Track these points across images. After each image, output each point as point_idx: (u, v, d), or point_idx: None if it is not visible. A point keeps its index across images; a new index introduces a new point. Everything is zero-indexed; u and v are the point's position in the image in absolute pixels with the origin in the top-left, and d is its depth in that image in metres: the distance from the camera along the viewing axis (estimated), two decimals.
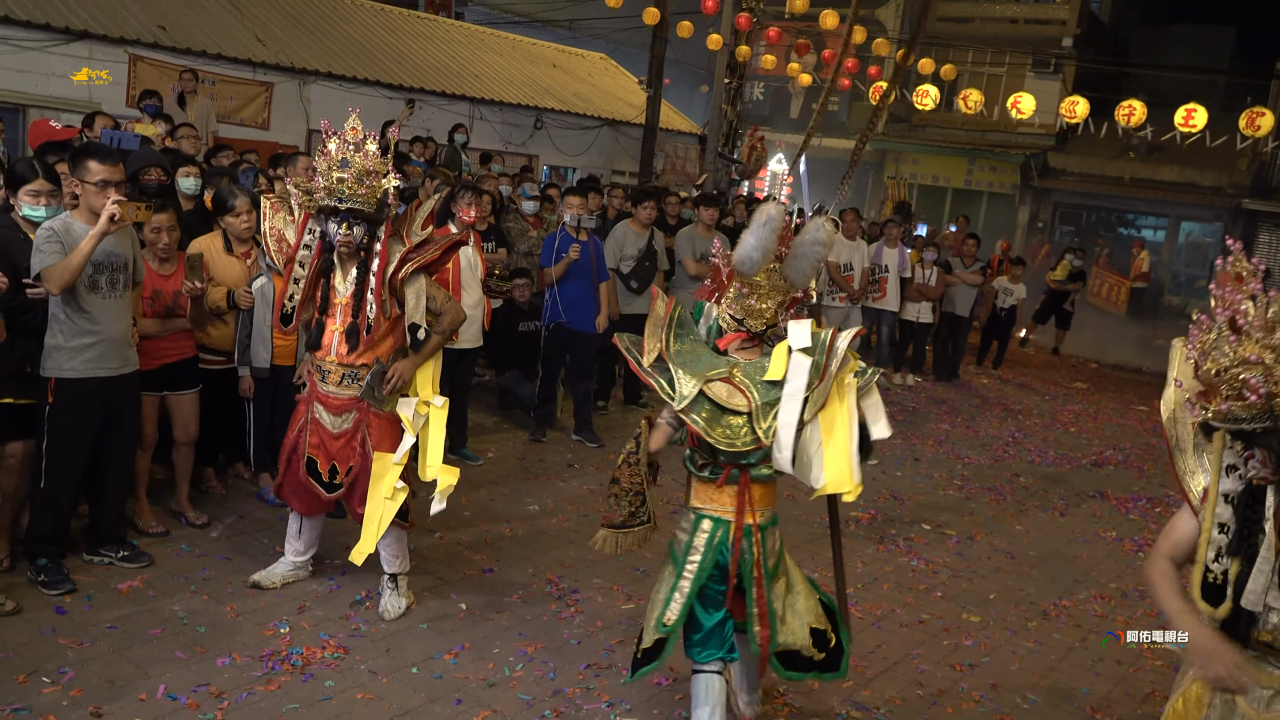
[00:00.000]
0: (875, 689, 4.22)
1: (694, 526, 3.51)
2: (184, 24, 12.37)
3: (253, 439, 5.30)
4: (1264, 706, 2.35)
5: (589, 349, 7.33)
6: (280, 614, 4.23)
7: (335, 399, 4.22)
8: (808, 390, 3.24)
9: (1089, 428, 10.20)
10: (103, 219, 3.89)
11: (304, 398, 4.34)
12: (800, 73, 18.59)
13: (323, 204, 4.00)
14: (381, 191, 4.05)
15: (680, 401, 3.32)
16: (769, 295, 3.41)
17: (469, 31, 18.68)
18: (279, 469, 4.43)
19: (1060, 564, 5.96)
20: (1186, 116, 15.49)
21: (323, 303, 4.17)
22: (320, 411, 4.25)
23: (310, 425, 4.27)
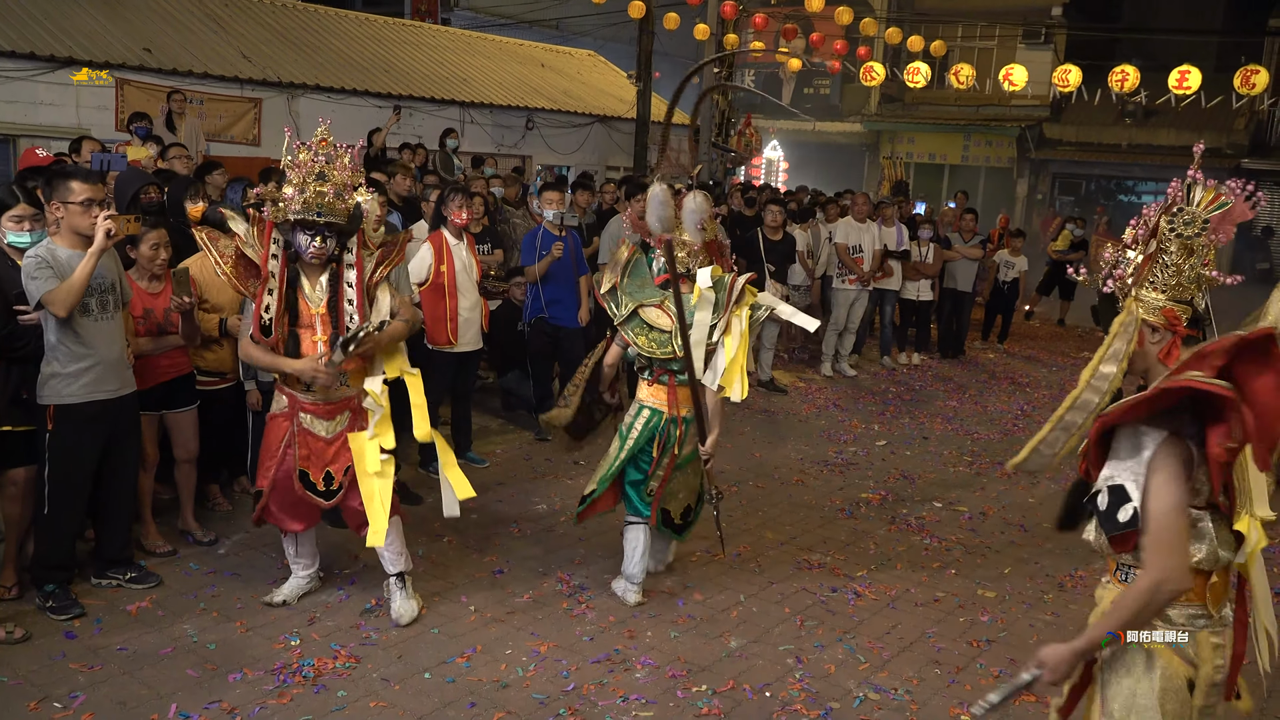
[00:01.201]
0: (893, 669, 4.18)
1: (637, 413, 4.66)
2: (169, 45, 12.36)
3: (252, 452, 5.28)
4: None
5: (576, 344, 7.29)
6: (290, 627, 4.21)
7: (327, 405, 4.19)
8: (713, 319, 4.43)
9: None
10: (99, 236, 3.90)
11: (281, 414, 4.22)
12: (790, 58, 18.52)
13: (297, 217, 3.94)
14: (354, 204, 4.05)
15: (618, 318, 4.56)
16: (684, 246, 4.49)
17: (456, 36, 18.65)
18: (259, 495, 4.28)
19: (1073, 536, 5.87)
20: (1180, 79, 15.37)
21: (293, 314, 4.09)
22: (310, 421, 4.20)
23: (298, 438, 4.20)
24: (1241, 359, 2.15)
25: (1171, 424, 2.20)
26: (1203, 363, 2.16)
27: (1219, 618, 2.37)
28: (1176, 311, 2.34)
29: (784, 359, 10.37)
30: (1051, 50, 24.01)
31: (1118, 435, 2.26)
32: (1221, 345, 2.16)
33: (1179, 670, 2.36)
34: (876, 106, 26.69)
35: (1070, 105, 24.06)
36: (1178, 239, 2.37)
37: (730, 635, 4.40)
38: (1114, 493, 2.22)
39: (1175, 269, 2.35)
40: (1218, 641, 2.37)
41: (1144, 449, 2.20)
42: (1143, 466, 2.20)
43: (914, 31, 19.56)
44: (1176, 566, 2.17)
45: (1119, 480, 2.22)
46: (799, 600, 4.82)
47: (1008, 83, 16.90)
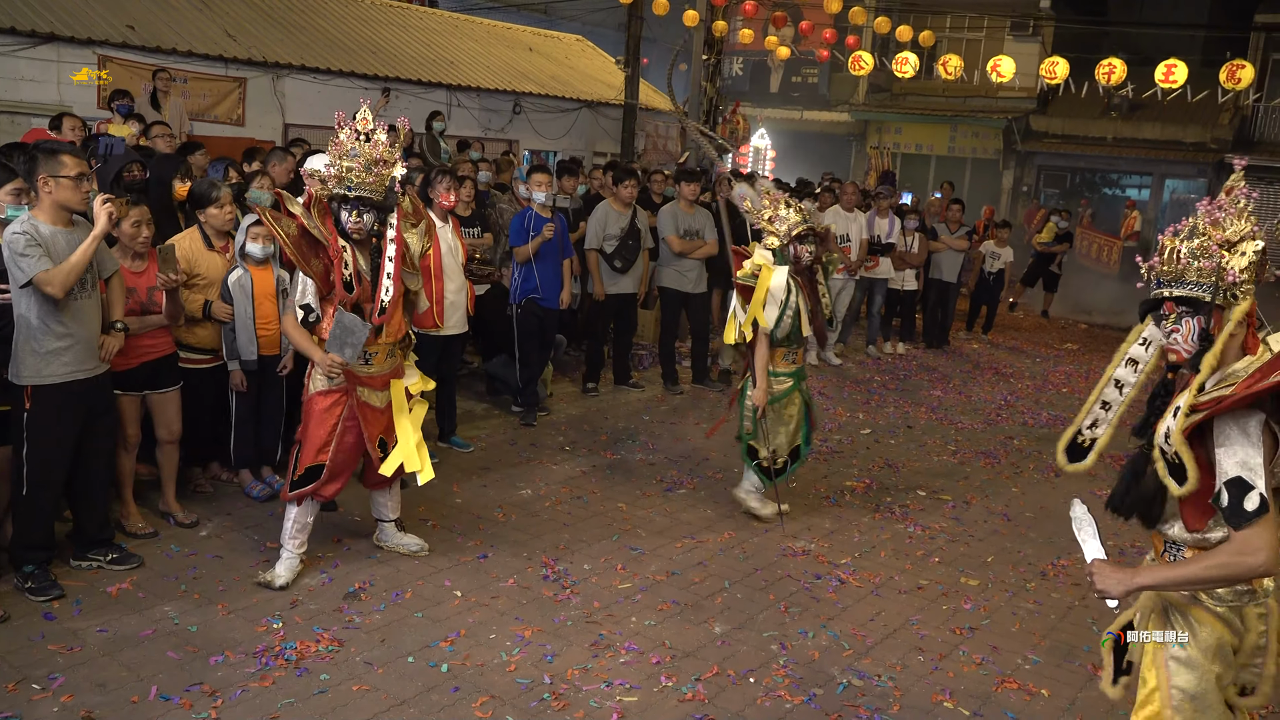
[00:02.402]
0: (876, 656, 4.19)
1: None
2: (153, 23, 12.20)
3: (235, 433, 5.24)
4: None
5: (554, 325, 7.30)
6: (273, 609, 4.18)
7: (380, 377, 4.48)
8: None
9: (1081, 388, 10.18)
10: (102, 219, 3.96)
11: (334, 390, 4.36)
12: (778, 46, 18.43)
13: (334, 192, 4.16)
14: (389, 179, 4.23)
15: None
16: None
17: (443, 19, 18.50)
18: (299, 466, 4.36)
19: (1057, 524, 5.93)
20: (1167, 73, 15.39)
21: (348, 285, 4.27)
22: (366, 394, 4.44)
23: (359, 411, 4.40)
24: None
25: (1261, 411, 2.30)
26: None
27: (1262, 591, 2.49)
28: (1254, 309, 2.49)
29: None
30: (1039, 42, 24.03)
31: (1221, 424, 2.33)
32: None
33: (1226, 640, 2.48)
34: (864, 96, 26.66)
35: (1057, 98, 24.07)
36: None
37: (715, 621, 4.40)
38: (1234, 486, 2.28)
39: (1257, 267, 2.49)
40: (1261, 611, 2.49)
41: (1251, 435, 2.29)
42: (1256, 453, 2.27)
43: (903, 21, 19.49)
44: (1265, 546, 2.25)
45: (1235, 474, 2.28)
46: (784, 587, 4.82)
47: (995, 74, 16.86)
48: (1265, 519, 2.25)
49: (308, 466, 4.37)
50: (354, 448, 4.47)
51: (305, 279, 4.29)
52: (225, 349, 5.09)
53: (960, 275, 11.59)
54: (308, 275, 4.27)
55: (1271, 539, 2.25)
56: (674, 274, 8.26)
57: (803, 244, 5.37)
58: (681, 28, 15.91)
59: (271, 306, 5.08)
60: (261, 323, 5.06)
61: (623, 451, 6.79)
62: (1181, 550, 2.53)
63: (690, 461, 6.69)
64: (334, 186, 4.17)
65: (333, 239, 4.24)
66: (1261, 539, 2.25)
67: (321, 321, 4.33)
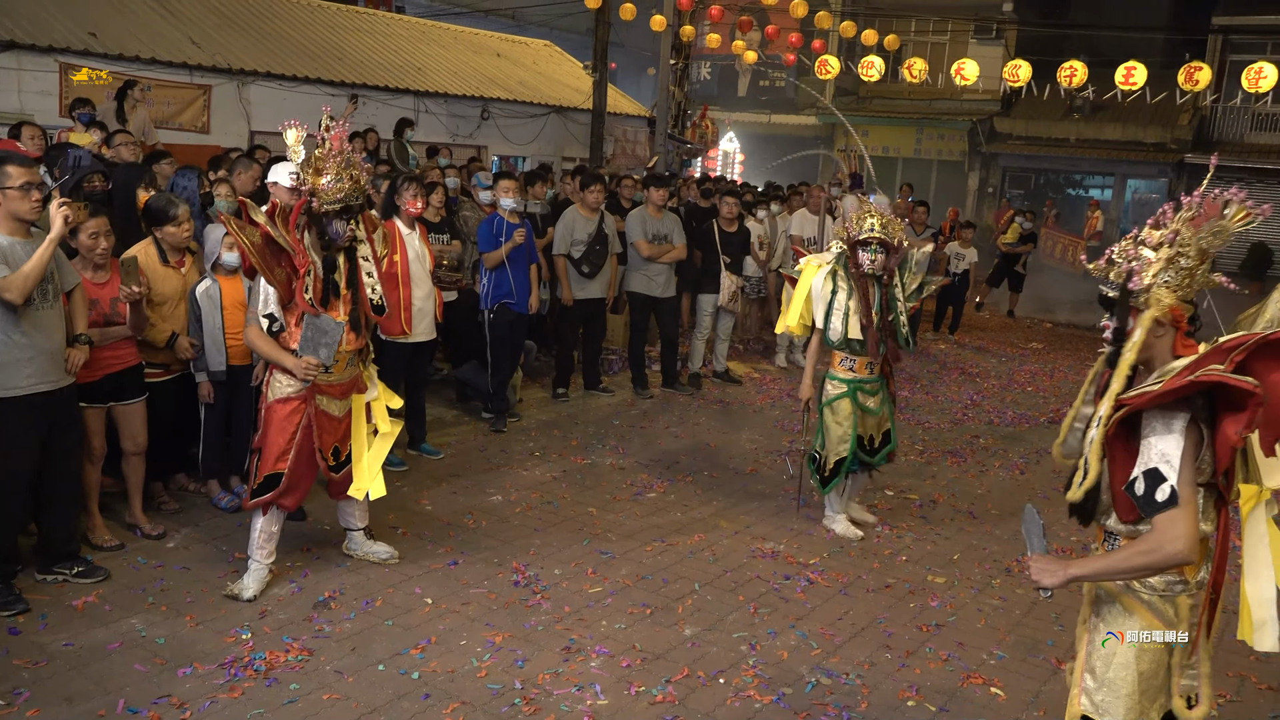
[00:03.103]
0: (844, 654, 4.24)
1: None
2: (115, 30, 12.10)
3: (203, 444, 5.21)
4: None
5: (524, 330, 7.32)
6: (241, 620, 4.17)
7: (340, 385, 4.47)
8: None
9: (1046, 386, 10.33)
10: (57, 222, 3.95)
11: (293, 398, 4.36)
12: (746, 50, 18.56)
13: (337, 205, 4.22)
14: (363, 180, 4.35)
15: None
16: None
17: (410, 25, 18.46)
18: (259, 474, 4.37)
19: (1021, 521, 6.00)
20: (1126, 75, 15.64)
21: (325, 297, 4.31)
22: (325, 403, 4.44)
23: (315, 419, 4.41)
24: (1258, 354, 2.34)
25: (1190, 408, 2.37)
26: (1224, 356, 2.34)
27: (1195, 583, 2.55)
28: (1181, 310, 2.51)
29: (739, 350, 10.43)
30: (1002, 46, 24.32)
31: (1147, 419, 2.41)
32: (1243, 341, 2.34)
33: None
34: (831, 99, 26.87)
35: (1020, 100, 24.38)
36: (1199, 248, 2.51)
37: (685, 624, 4.43)
38: (1150, 477, 2.38)
39: (1188, 273, 2.50)
40: (1193, 603, 2.56)
41: (1174, 430, 2.37)
42: (1176, 447, 2.35)
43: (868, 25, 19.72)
44: (1183, 535, 2.33)
45: (1153, 464, 2.37)
46: (753, 588, 4.86)
47: (959, 77, 17.08)
48: (1180, 510, 2.33)
49: (267, 474, 4.36)
50: (313, 456, 4.46)
51: (268, 288, 4.29)
52: (192, 362, 5.06)
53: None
54: (271, 283, 4.27)
55: (1189, 528, 2.34)
56: (643, 278, 8.29)
57: (865, 250, 5.33)
58: (649, 33, 15.99)
59: (240, 315, 5.05)
60: (230, 332, 5.04)
61: (593, 456, 6.82)
62: (1118, 540, 2.60)
63: (660, 465, 6.72)
64: (338, 200, 4.21)
65: (300, 250, 4.25)
66: (1179, 528, 2.33)
67: (286, 330, 4.33)
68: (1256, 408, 2.27)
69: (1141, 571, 2.47)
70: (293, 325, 4.32)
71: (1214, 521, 2.51)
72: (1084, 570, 2.55)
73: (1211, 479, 2.44)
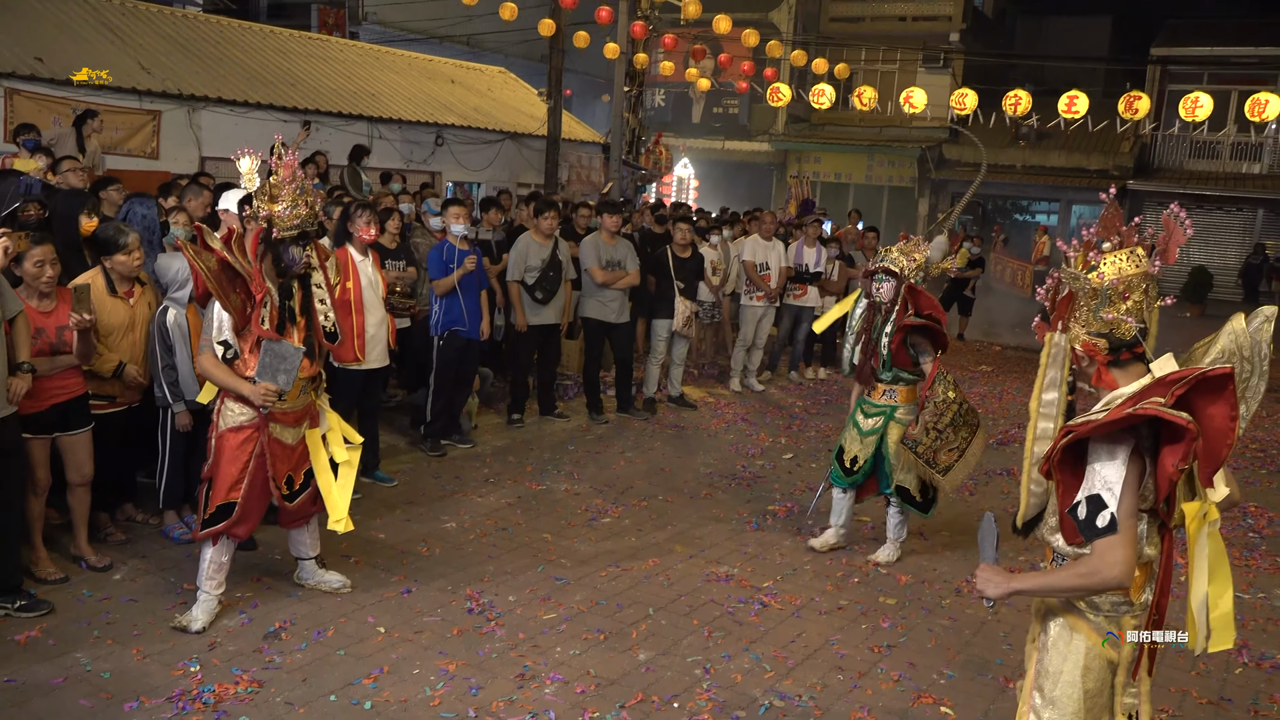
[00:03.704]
0: (797, 677, 4.28)
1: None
2: (62, 54, 11.96)
3: (167, 474, 5.12)
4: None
5: (475, 357, 7.33)
6: (190, 652, 4.11)
7: (293, 413, 4.43)
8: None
9: (995, 409, 10.49)
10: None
11: (247, 426, 4.33)
12: (699, 78, 18.78)
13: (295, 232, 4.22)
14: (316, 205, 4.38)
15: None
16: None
17: (364, 51, 18.45)
18: (210, 504, 4.32)
19: (971, 541, 6.11)
20: (1069, 103, 16.05)
21: (280, 325, 4.29)
22: (278, 431, 4.40)
23: (269, 448, 4.37)
24: (1199, 390, 2.41)
25: (1134, 437, 2.45)
26: (1166, 390, 2.41)
27: (1140, 604, 2.63)
28: (1094, 344, 2.59)
29: (694, 375, 10.49)
30: (950, 74, 24.86)
31: (1093, 446, 2.49)
32: (1185, 376, 2.41)
33: (1102, 651, 2.63)
34: (784, 126, 27.23)
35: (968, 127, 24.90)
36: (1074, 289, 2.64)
37: (639, 649, 4.44)
38: (1091, 503, 2.45)
39: (1087, 309, 2.61)
40: (1136, 624, 2.63)
41: (1117, 458, 2.44)
42: (1118, 475, 2.43)
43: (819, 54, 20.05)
44: (1121, 561, 2.41)
45: (1095, 491, 2.45)
46: (707, 612, 4.89)
47: (908, 105, 17.42)
48: (1119, 536, 2.41)
49: (219, 504, 4.31)
50: (266, 485, 4.42)
51: (222, 314, 4.27)
52: (165, 391, 4.97)
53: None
54: (226, 309, 4.25)
55: (1127, 555, 2.41)
56: (597, 304, 8.33)
57: (873, 279, 5.50)
58: (603, 60, 16.13)
59: None
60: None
61: (548, 482, 6.82)
62: (1065, 560, 2.67)
63: (615, 490, 6.74)
64: (295, 227, 4.22)
65: (257, 277, 4.24)
66: (1117, 553, 2.41)
67: (240, 357, 4.31)
68: (1191, 442, 2.35)
69: (1079, 591, 2.55)
70: (246, 352, 4.30)
71: (1158, 546, 2.59)
72: (1025, 585, 2.62)
73: (1154, 506, 2.51)
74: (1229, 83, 22.72)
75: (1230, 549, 6.19)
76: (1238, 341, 2.57)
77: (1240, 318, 2.59)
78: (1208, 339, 2.68)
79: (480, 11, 15.42)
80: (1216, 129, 22.14)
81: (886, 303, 5.45)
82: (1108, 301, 2.57)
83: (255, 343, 4.29)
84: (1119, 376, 2.58)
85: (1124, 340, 2.56)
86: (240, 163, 4.24)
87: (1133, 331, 2.56)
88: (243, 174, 4.27)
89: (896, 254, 5.50)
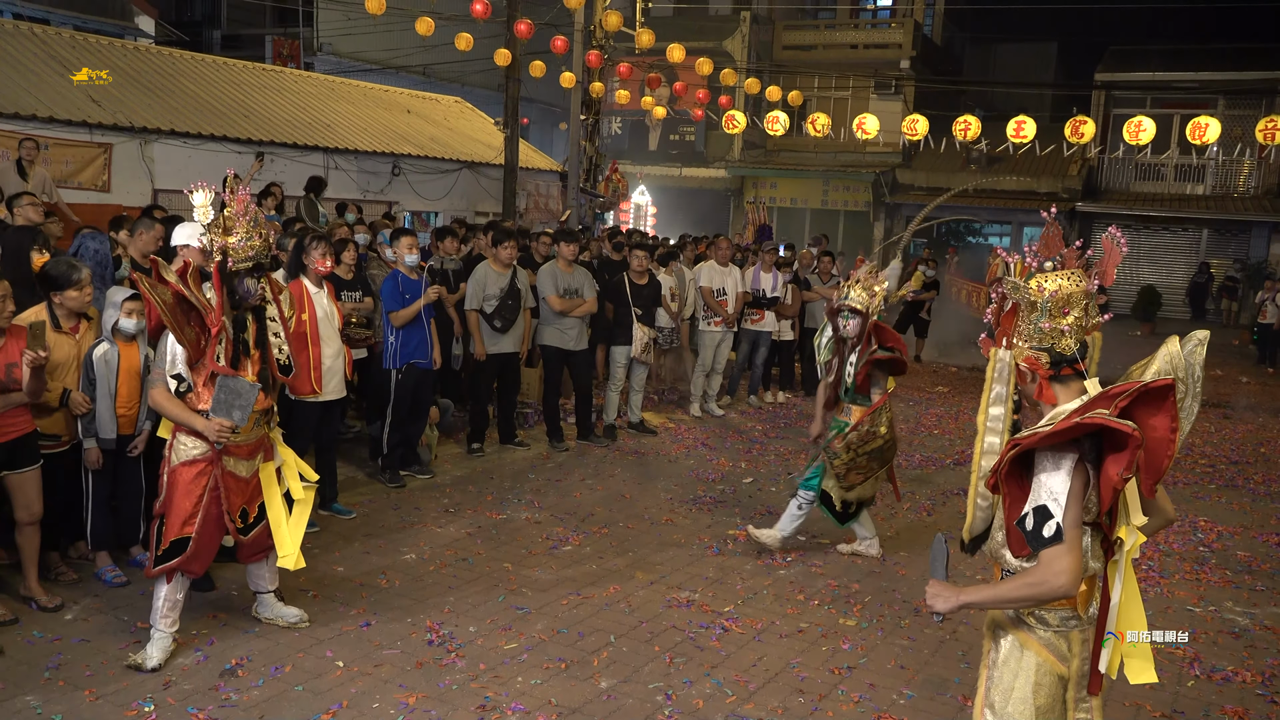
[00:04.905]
0: (758, 700, 4.29)
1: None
2: (10, 89, 11.82)
3: (91, 514, 5.02)
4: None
5: (430, 387, 7.33)
6: (144, 692, 4.04)
7: (247, 445, 4.40)
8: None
9: (951, 429, 10.63)
10: None
11: (200, 460, 4.29)
12: (655, 106, 18.96)
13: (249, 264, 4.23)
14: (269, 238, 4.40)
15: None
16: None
17: (319, 81, 18.42)
18: (163, 540, 4.26)
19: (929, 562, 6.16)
20: (1017, 128, 16.40)
21: (235, 358, 4.29)
22: (234, 464, 4.38)
23: (222, 481, 4.34)
24: (1141, 402, 2.49)
25: (1078, 450, 2.51)
26: (1110, 402, 2.48)
27: (1087, 618, 2.68)
28: (1036, 357, 2.67)
29: (654, 400, 10.53)
30: (901, 101, 25.30)
31: (1039, 458, 2.55)
32: (1128, 389, 2.48)
33: (1053, 667, 2.68)
34: (740, 153, 27.52)
35: (920, 152, 25.34)
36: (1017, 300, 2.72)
37: (600, 676, 4.44)
38: (1038, 513, 2.51)
39: (1029, 323, 2.69)
40: (1084, 638, 2.68)
41: (1062, 469, 2.50)
42: (1063, 485, 2.49)
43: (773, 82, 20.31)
44: (1066, 569, 2.47)
45: (1041, 501, 2.51)
46: (668, 638, 4.89)
47: (861, 131, 17.70)
48: (1064, 545, 2.47)
49: (173, 540, 4.26)
50: (220, 519, 4.37)
51: (176, 348, 4.24)
52: (81, 427, 4.91)
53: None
54: (180, 342, 4.22)
55: (1073, 563, 2.47)
56: (555, 332, 8.36)
57: (839, 316, 5.78)
58: (559, 89, 16.24)
59: (135, 385, 4.95)
60: (122, 402, 4.92)
61: (508, 511, 6.80)
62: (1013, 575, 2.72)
63: (575, 518, 6.73)
64: (250, 258, 4.23)
65: (216, 310, 4.22)
66: (1062, 563, 2.47)
67: (194, 390, 4.28)
68: (1135, 449, 2.41)
69: (1027, 602, 2.59)
70: (200, 386, 4.27)
71: (1102, 559, 2.65)
72: (974, 598, 2.67)
73: (1097, 519, 2.57)
74: (1171, 106, 23.35)
75: (1181, 563, 6.34)
76: (1173, 363, 2.65)
77: (1175, 340, 2.67)
78: (1144, 361, 2.76)
79: (436, 42, 15.49)
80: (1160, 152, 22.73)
81: (852, 338, 5.77)
82: (1047, 314, 2.65)
83: (210, 377, 4.26)
84: (1060, 392, 2.66)
85: (1064, 356, 2.64)
86: (194, 196, 4.23)
87: (1073, 348, 2.63)
88: (197, 207, 4.25)
89: (860, 291, 5.75)
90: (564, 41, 14.98)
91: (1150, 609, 5.38)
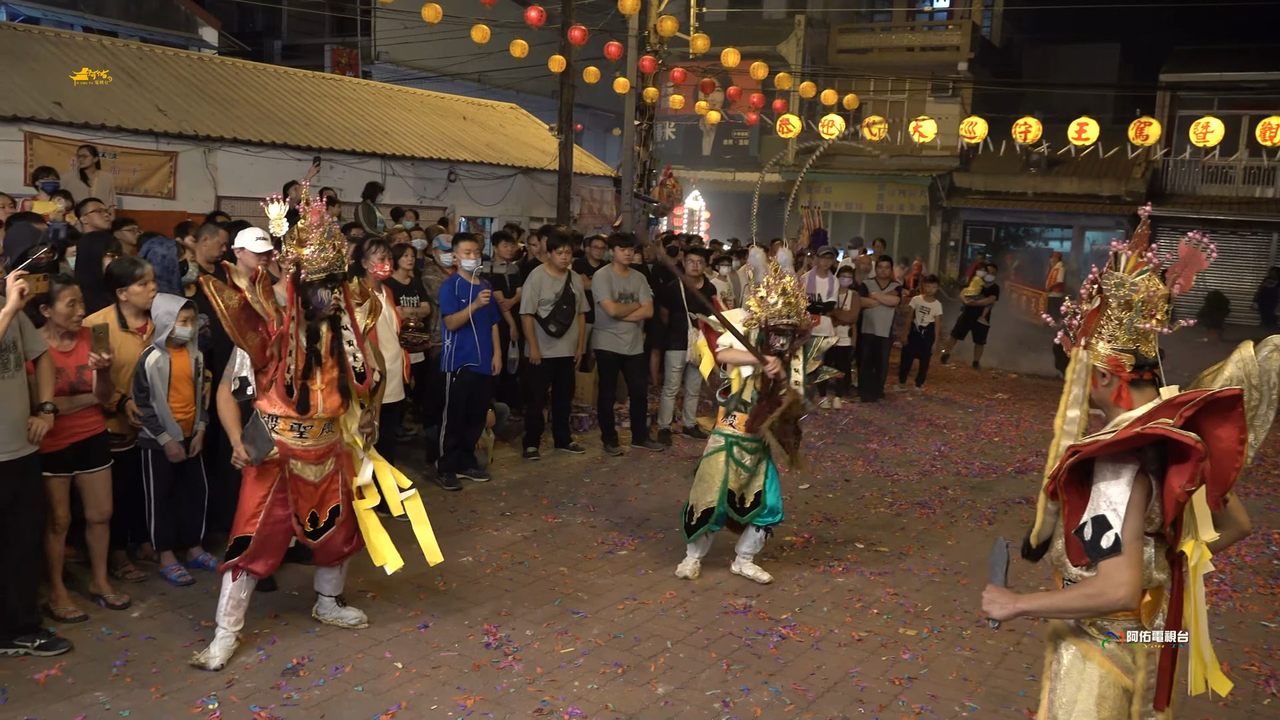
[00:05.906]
0: (817, 710, 4.24)
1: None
2: (80, 99, 12.14)
3: (154, 515, 5.11)
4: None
5: (489, 391, 7.34)
6: (208, 690, 4.11)
7: (315, 450, 4.44)
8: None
9: (1012, 436, 10.44)
10: (13, 295, 3.93)
11: (270, 462, 4.36)
12: (709, 110, 18.92)
13: (322, 275, 4.25)
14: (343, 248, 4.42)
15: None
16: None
17: (377, 89, 18.67)
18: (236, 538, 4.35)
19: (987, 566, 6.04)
20: (1079, 130, 16.06)
21: (307, 367, 4.32)
22: (300, 467, 4.41)
23: (290, 484, 4.39)
24: (1207, 411, 2.41)
25: (1140, 459, 2.44)
26: (1174, 411, 2.40)
27: (1152, 628, 2.60)
28: (1120, 359, 2.60)
29: (708, 405, 10.46)
30: (959, 103, 24.96)
31: (1099, 466, 2.49)
32: (1194, 398, 2.40)
33: (1117, 679, 2.60)
34: (794, 157, 27.36)
35: (978, 156, 24.98)
36: (1114, 297, 2.63)
37: (658, 682, 4.41)
38: (1097, 524, 2.45)
39: (1117, 322, 2.61)
40: (1149, 650, 2.60)
41: (1122, 478, 2.43)
42: (1122, 496, 2.42)
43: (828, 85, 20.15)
44: (1126, 582, 2.40)
45: (1100, 511, 2.44)
46: (725, 645, 4.85)
47: (918, 134, 17.49)
48: (1124, 557, 2.40)
49: (237, 537, 4.34)
50: (285, 521, 4.42)
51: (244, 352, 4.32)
52: (150, 427, 5.00)
53: (892, 329, 11.87)
54: (241, 347, 4.29)
55: (1132, 575, 2.41)
56: (610, 337, 8.36)
57: (779, 335, 5.47)
58: (614, 94, 16.27)
59: (187, 389, 5.03)
60: (176, 406, 5.00)
61: (564, 515, 6.80)
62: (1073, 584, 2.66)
63: (631, 523, 6.72)
64: (323, 269, 4.24)
65: (286, 320, 4.27)
66: (1122, 574, 2.40)
67: (256, 396, 4.35)
68: (1199, 462, 2.34)
69: (1085, 612, 2.54)
70: (261, 391, 4.34)
71: (1167, 570, 2.57)
72: (1032, 606, 2.63)
73: (1160, 529, 2.50)
74: (1239, 107, 22.72)
75: (1255, 576, 6.15)
76: (1246, 369, 2.56)
77: (1249, 345, 2.58)
78: (1216, 366, 2.67)
79: (491, 49, 15.59)
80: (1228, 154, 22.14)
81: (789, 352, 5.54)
82: (1140, 314, 2.58)
83: (271, 379, 4.31)
84: (1136, 397, 2.58)
85: (1147, 359, 2.57)
86: (270, 208, 4.28)
87: (1154, 352, 2.56)
88: (271, 220, 4.31)
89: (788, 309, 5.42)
90: (618, 47, 15.01)
91: (1223, 623, 5.26)
